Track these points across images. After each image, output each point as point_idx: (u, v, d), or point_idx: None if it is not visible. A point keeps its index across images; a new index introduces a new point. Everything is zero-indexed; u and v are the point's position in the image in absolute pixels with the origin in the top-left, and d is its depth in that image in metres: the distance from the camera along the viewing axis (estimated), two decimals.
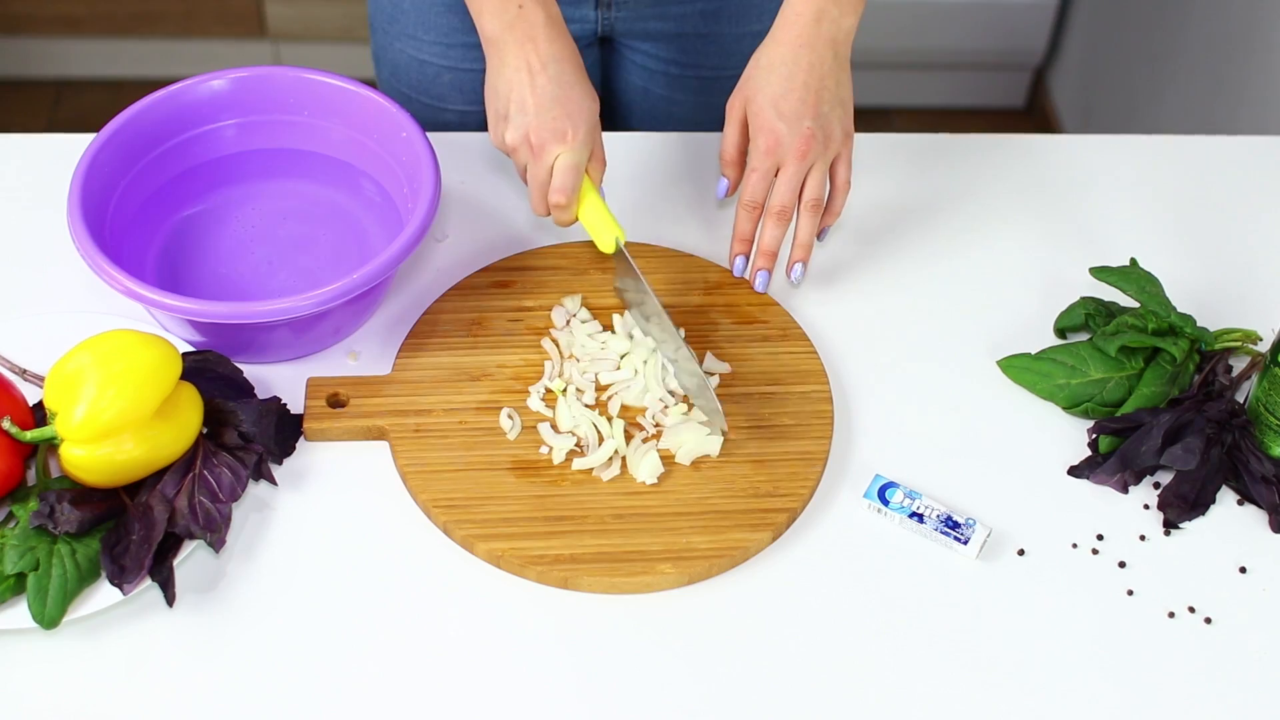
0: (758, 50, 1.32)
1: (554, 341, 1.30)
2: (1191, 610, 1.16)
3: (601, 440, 1.22)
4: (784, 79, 1.28)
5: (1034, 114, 3.16)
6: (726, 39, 1.56)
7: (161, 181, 1.36)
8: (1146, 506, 1.22)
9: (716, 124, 1.36)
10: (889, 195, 1.46)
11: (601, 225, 1.28)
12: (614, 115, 1.70)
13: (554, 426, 1.23)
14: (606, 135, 1.50)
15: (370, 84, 1.40)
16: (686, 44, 1.57)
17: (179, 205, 1.37)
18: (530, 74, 1.25)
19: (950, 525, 1.18)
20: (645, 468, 1.20)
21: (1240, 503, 1.23)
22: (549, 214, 1.27)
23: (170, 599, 1.11)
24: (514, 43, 1.26)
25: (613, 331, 1.30)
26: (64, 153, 1.42)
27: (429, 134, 1.35)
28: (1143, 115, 2.71)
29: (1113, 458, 1.23)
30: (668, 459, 1.22)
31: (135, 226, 1.33)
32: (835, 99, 1.30)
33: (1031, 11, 2.99)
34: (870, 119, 3.06)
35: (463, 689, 1.10)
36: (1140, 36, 2.74)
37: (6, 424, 1.12)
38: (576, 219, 1.28)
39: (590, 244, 1.37)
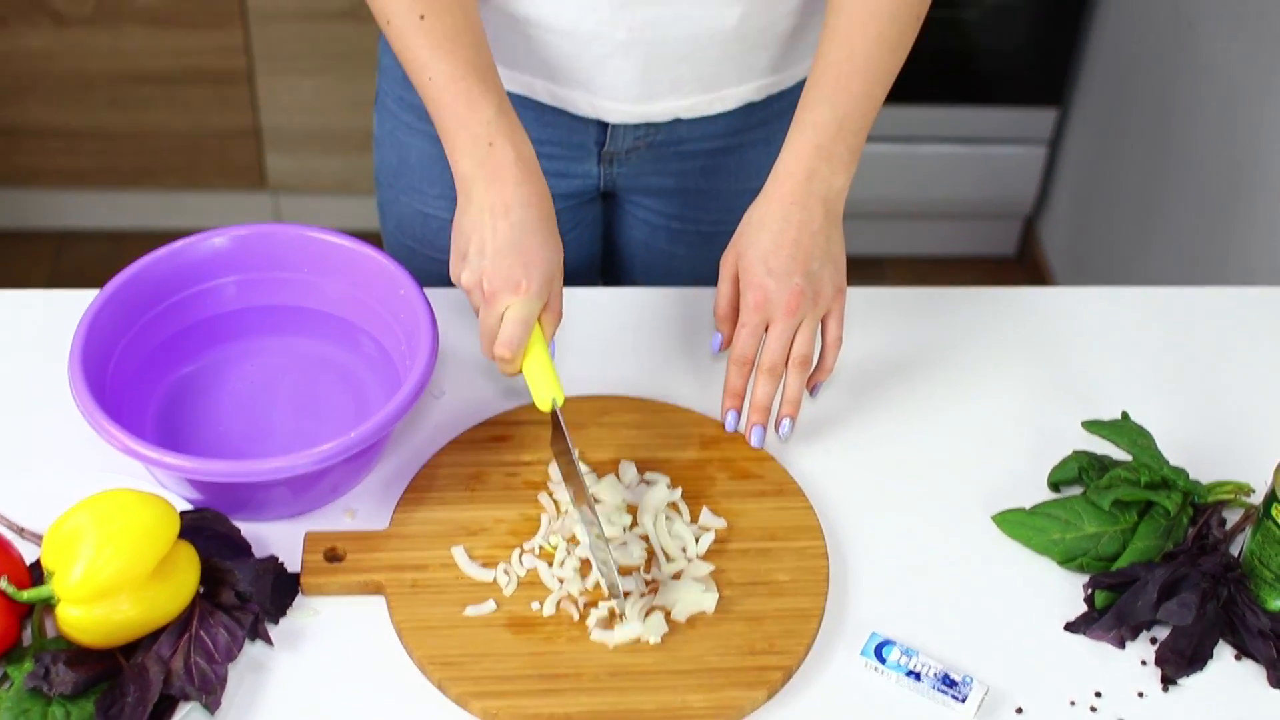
0: (751, 207, 1.34)
1: (550, 495, 1.30)
2: None
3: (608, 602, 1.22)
4: (774, 236, 1.30)
5: (1025, 262, 3.19)
6: (726, 195, 1.58)
7: (162, 338, 1.37)
8: (1144, 662, 1.22)
9: (716, 278, 1.38)
10: (882, 349, 1.47)
11: (542, 382, 1.26)
12: (616, 268, 1.72)
13: (558, 579, 1.23)
14: (606, 290, 1.53)
15: (371, 235, 1.42)
16: (687, 199, 1.59)
17: (179, 361, 1.38)
18: (494, 217, 1.25)
19: (947, 683, 1.17)
20: (650, 626, 1.19)
21: (1238, 657, 1.23)
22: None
23: None
24: (483, 181, 1.26)
25: (617, 476, 1.31)
26: (66, 308, 1.43)
27: (431, 287, 1.37)
28: (1132, 262, 2.74)
29: (1109, 613, 1.23)
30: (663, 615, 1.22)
31: (136, 382, 1.34)
32: (826, 256, 1.31)
33: (1021, 162, 3.04)
34: (863, 268, 3.09)
35: None
36: (1127, 186, 2.78)
37: (3, 584, 1.12)
38: (520, 372, 1.28)
39: (589, 399, 1.38)
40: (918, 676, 1.18)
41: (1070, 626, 1.24)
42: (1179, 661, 1.21)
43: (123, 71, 2.89)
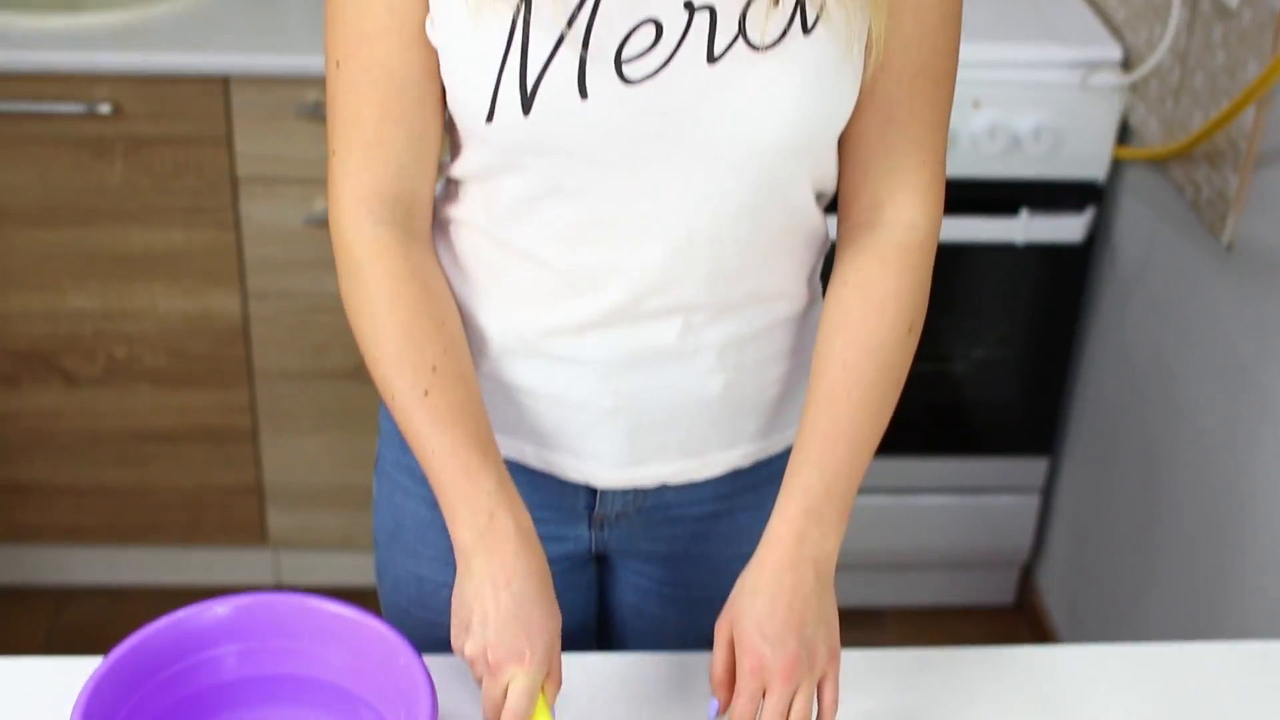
0: (743, 573, 1.36)
1: None
2: None
3: None
4: (768, 601, 1.32)
5: (1024, 610, 3.18)
6: (717, 561, 1.60)
7: (162, 708, 1.37)
8: None
9: (708, 643, 1.39)
10: (881, 710, 1.47)
11: None
12: (609, 632, 1.73)
13: None
14: (600, 655, 1.53)
15: (371, 591, 1.42)
16: (678, 565, 1.61)
17: None
18: (495, 588, 1.29)
19: None
20: None
21: None
22: None
23: None
24: (483, 552, 1.30)
25: None
26: (66, 676, 1.43)
27: (429, 652, 1.38)
28: (1131, 609, 2.74)
29: None
30: None
31: None
32: (819, 619, 1.33)
33: (1014, 511, 3.07)
34: (862, 620, 3.09)
35: None
36: (1121, 533, 2.80)
37: None
38: None
39: None
40: None
41: None
42: None
43: (130, 430, 2.94)
